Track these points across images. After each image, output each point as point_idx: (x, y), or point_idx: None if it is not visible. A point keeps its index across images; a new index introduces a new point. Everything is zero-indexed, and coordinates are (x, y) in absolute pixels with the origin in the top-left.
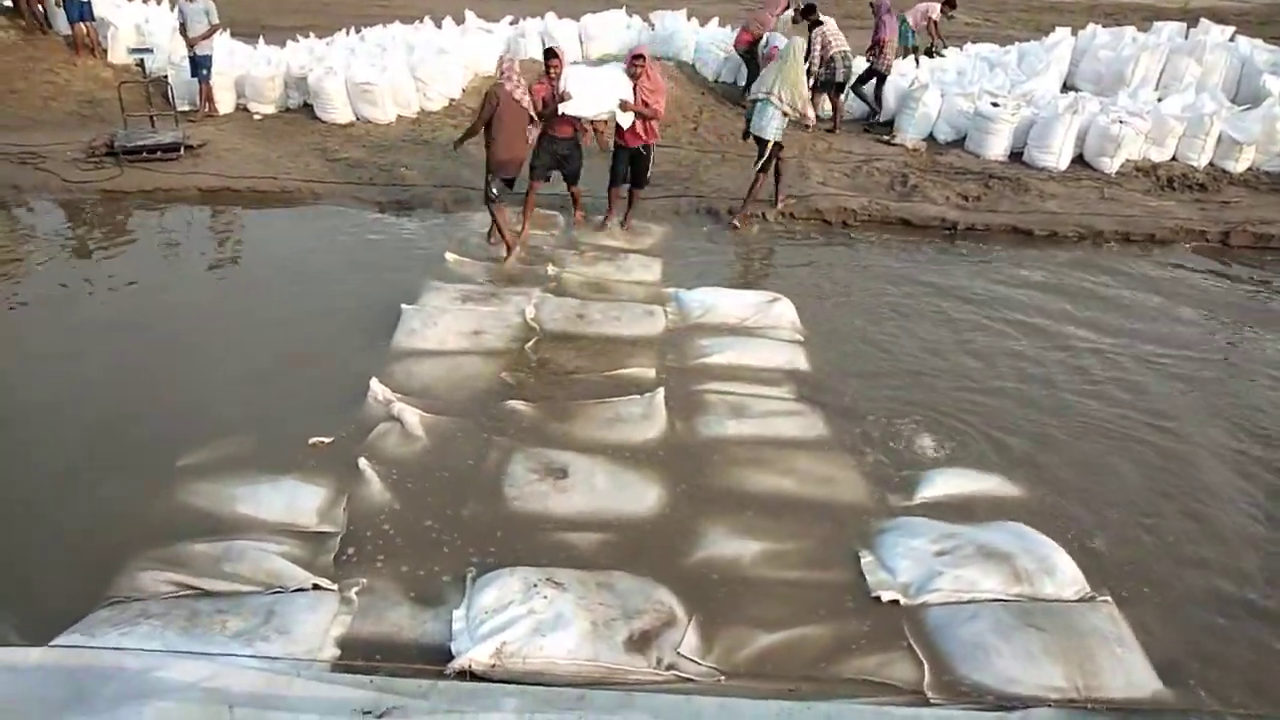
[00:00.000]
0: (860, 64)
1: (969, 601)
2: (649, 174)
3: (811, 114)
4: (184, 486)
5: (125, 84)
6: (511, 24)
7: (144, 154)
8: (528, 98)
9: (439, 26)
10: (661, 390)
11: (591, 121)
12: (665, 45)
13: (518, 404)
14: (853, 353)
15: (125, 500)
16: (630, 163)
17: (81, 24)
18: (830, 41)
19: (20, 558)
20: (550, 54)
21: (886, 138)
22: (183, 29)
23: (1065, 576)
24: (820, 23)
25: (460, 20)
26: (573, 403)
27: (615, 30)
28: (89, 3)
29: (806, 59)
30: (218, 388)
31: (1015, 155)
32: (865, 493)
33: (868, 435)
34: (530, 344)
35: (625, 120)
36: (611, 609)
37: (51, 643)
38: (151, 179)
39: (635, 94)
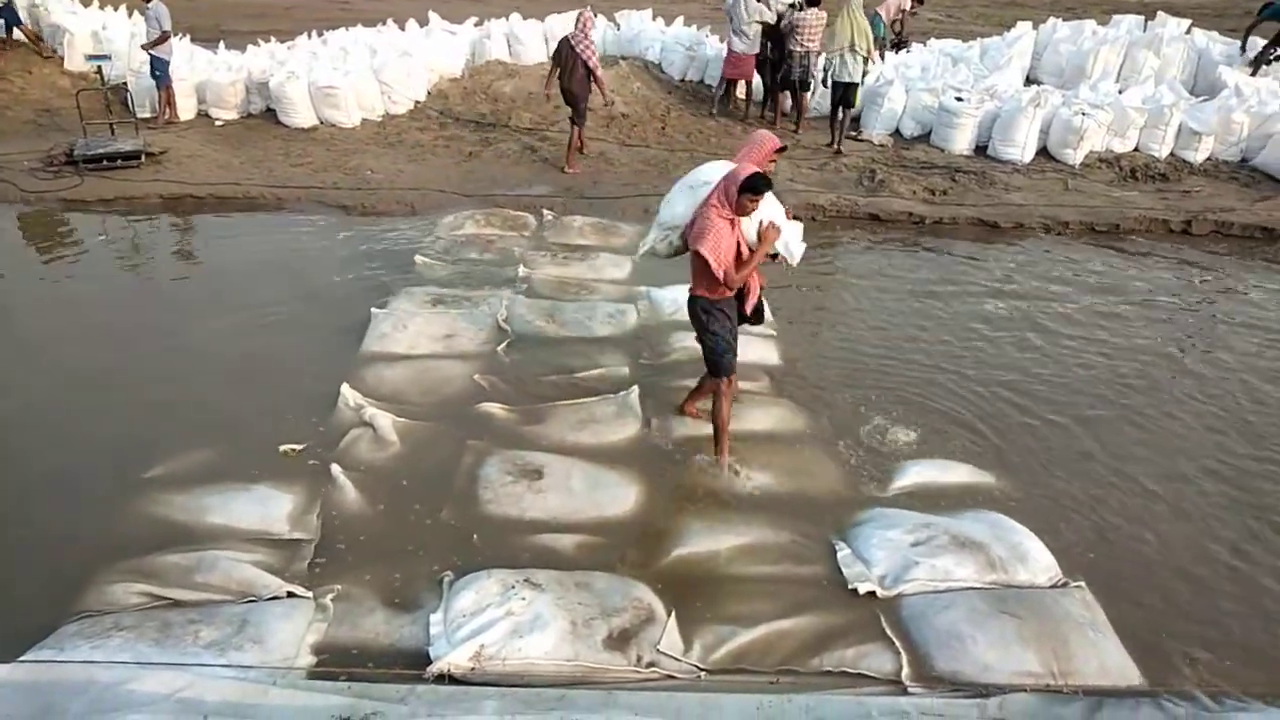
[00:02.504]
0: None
1: (944, 591)
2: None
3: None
4: (153, 497)
5: (83, 91)
6: (476, 25)
7: (104, 162)
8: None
9: (402, 29)
10: (636, 389)
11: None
12: (630, 45)
13: (491, 406)
14: (826, 346)
15: (93, 512)
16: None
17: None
18: (804, 33)
19: None
20: None
21: (853, 133)
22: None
23: (1039, 564)
24: (815, 4)
25: (424, 23)
26: (546, 404)
27: None
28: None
29: (781, 46)
30: (184, 396)
31: (980, 149)
32: (841, 485)
33: (842, 427)
34: (502, 346)
35: None
36: (590, 608)
37: (20, 659)
38: (112, 187)
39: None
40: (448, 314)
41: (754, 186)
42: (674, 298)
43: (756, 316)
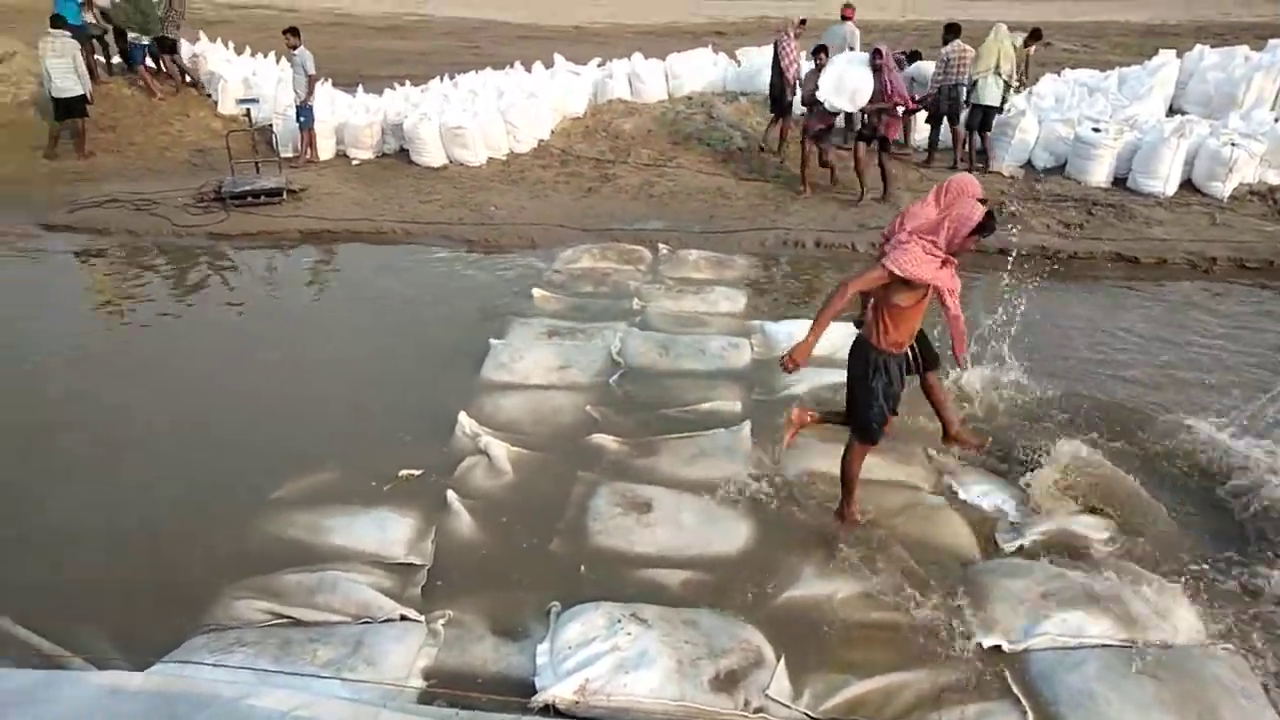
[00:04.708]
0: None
1: (1076, 647)
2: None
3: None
4: (279, 516)
5: (233, 133)
6: (599, 66)
7: (249, 199)
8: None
9: (529, 71)
10: (748, 424)
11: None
12: (751, 82)
13: (603, 438)
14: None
15: (223, 528)
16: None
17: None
18: (954, 66)
19: (122, 583)
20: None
21: (980, 165)
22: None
23: (1183, 622)
24: (957, 35)
25: (550, 64)
26: (657, 437)
27: (702, 69)
28: (145, 45)
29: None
30: (312, 419)
31: (1119, 181)
32: (966, 532)
33: (967, 471)
34: (615, 378)
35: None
36: (697, 647)
37: (150, 669)
38: (255, 222)
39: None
40: (562, 345)
41: (990, 227)
42: (789, 332)
43: (929, 360)
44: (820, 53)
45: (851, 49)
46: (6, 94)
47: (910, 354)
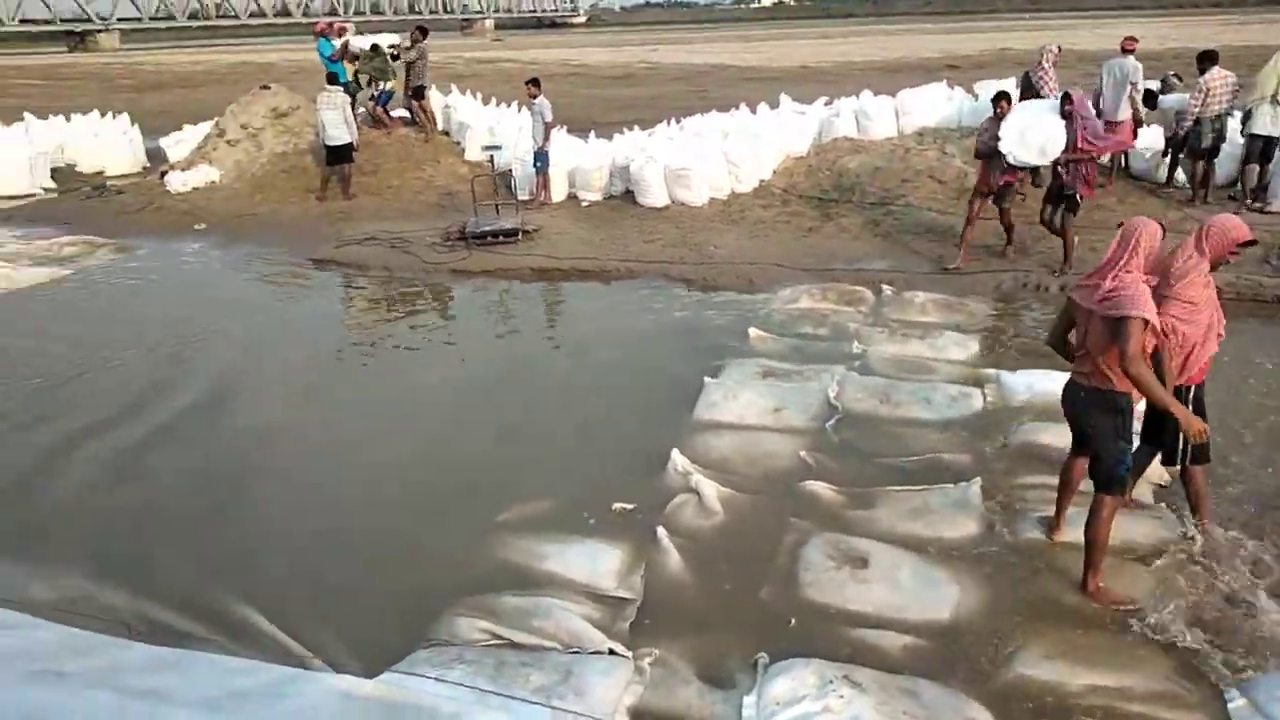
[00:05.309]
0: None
1: None
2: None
3: None
4: (500, 540)
5: (478, 177)
6: (826, 105)
7: (488, 238)
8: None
9: (753, 112)
10: (978, 481)
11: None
12: (984, 115)
13: (817, 485)
14: (1220, 451)
15: (451, 548)
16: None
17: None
18: (1214, 96)
19: (356, 594)
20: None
21: (1258, 205)
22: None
23: None
24: (1214, 63)
25: (775, 105)
26: (876, 488)
27: (935, 104)
28: (389, 91)
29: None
30: (532, 447)
31: None
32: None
33: (1228, 547)
34: (831, 423)
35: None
36: (915, 719)
37: (379, 677)
38: (493, 260)
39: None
40: (778, 387)
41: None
42: (1027, 384)
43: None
44: (1001, 100)
45: (1133, 84)
46: (290, 143)
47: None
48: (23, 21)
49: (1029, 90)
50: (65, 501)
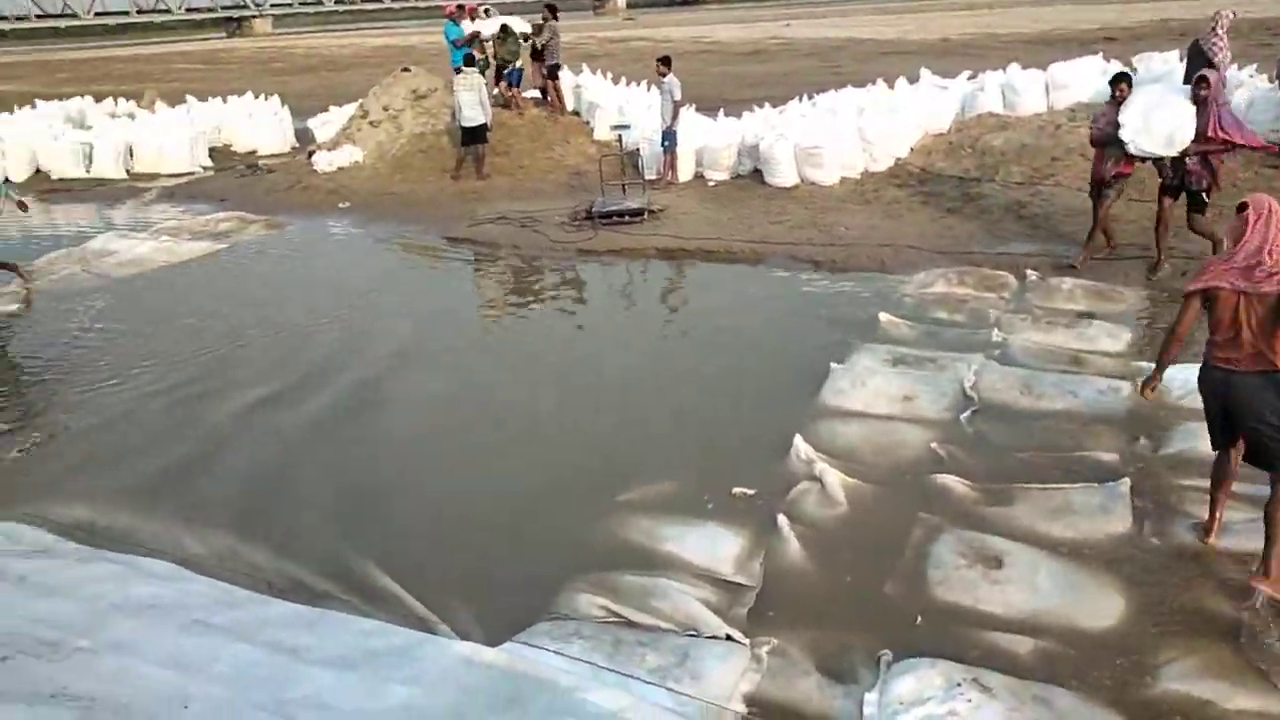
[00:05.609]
0: None
1: None
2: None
3: None
4: (623, 518)
5: (606, 157)
6: (970, 79)
7: (614, 218)
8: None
9: (891, 88)
10: (1127, 480)
11: None
12: None
13: (948, 479)
14: None
15: (575, 524)
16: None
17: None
18: None
19: (482, 563)
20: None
21: None
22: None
23: None
24: None
25: (914, 80)
26: (1014, 485)
27: (1089, 78)
28: (519, 69)
29: None
30: (654, 428)
31: None
32: None
33: None
34: (966, 414)
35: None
36: None
37: (501, 646)
38: (618, 240)
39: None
40: (909, 375)
41: None
42: (1185, 378)
43: None
44: (1121, 82)
45: None
46: (428, 124)
47: None
48: (188, 10)
49: (1199, 57)
50: (223, 465)
